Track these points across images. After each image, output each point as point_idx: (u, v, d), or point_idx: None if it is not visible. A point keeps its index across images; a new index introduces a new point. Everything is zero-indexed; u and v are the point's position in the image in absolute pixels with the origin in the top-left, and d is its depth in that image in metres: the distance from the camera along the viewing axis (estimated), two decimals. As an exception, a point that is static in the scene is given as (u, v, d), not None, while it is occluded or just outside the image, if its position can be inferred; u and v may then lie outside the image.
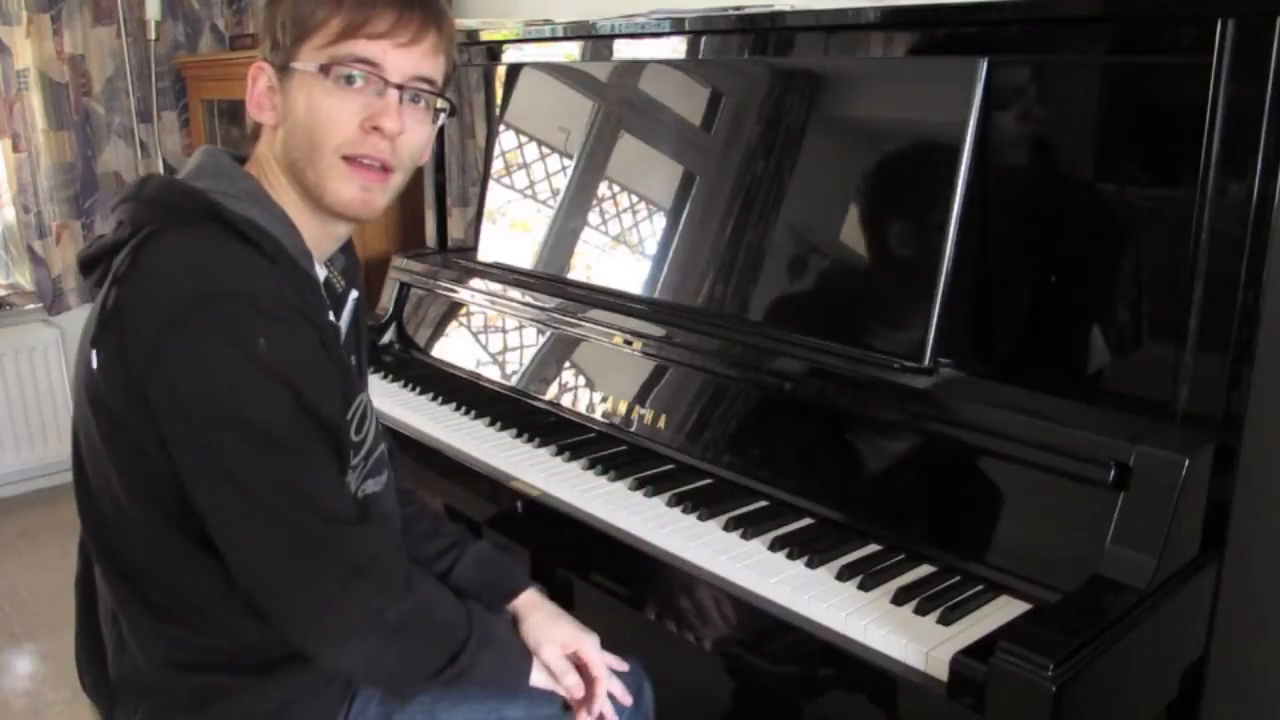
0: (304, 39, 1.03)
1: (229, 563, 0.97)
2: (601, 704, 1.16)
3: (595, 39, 1.83)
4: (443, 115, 1.12)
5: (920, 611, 1.08)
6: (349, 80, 1.03)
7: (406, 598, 1.02)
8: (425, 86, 1.07)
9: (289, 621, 0.98)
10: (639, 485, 1.40)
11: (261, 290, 0.95)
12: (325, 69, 1.02)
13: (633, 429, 1.52)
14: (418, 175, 2.25)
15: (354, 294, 1.19)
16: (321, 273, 1.12)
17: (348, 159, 1.04)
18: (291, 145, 1.05)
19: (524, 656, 1.15)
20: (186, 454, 0.93)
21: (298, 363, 0.95)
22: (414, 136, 1.07)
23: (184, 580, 1.02)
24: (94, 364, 0.95)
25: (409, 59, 1.04)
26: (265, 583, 0.97)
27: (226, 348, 0.91)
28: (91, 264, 1.05)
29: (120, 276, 0.96)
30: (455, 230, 2.24)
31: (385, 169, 1.06)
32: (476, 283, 1.94)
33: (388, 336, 2.09)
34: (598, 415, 1.58)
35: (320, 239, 1.10)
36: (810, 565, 1.18)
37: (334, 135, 1.03)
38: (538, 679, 1.15)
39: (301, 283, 1.03)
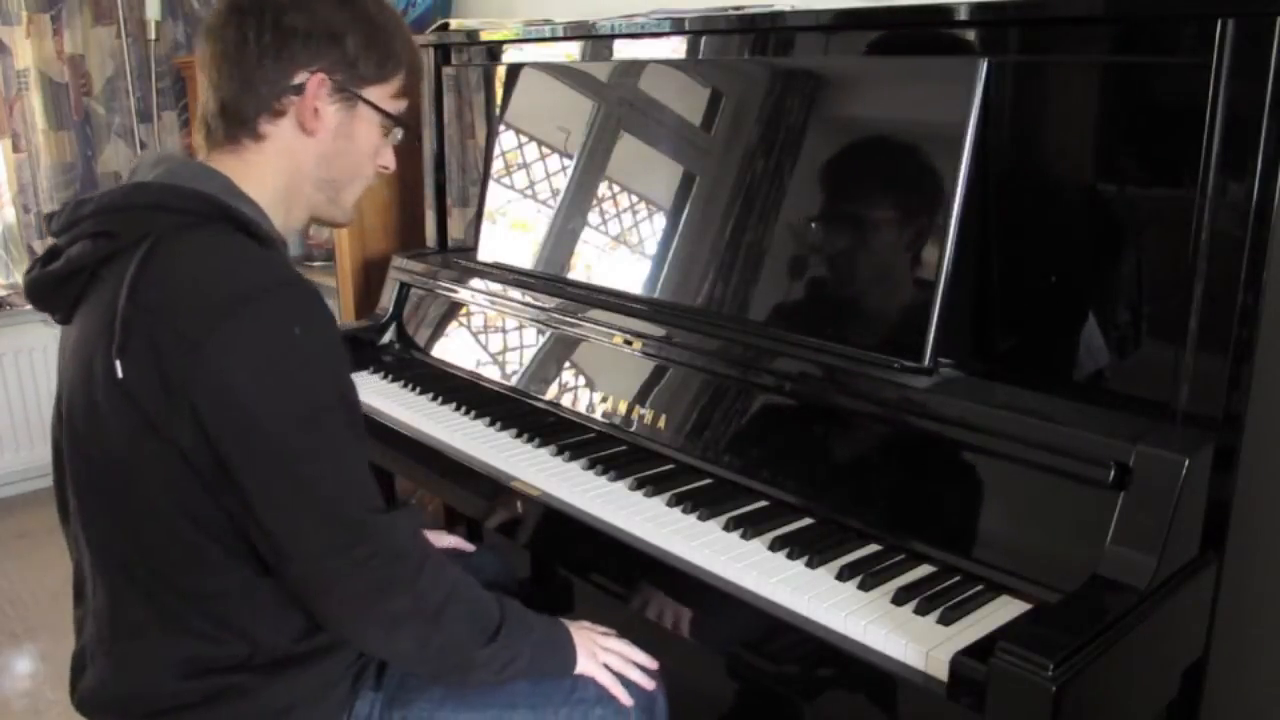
0: (384, 80, 1.11)
1: (278, 556, 0.98)
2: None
3: (595, 39, 1.83)
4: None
5: (920, 611, 1.08)
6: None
7: (443, 579, 1.06)
8: None
9: (340, 609, 1.00)
10: (639, 485, 1.40)
11: (287, 279, 0.98)
12: (397, 121, 1.14)
13: (633, 429, 1.52)
14: (418, 176, 2.27)
15: None
16: None
17: None
18: (334, 165, 1.12)
19: (566, 635, 1.18)
20: (239, 445, 0.94)
21: (330, 346, 0.99)
22: None
23: (208, 585, 1.02)
24: (119, 374, 0.95)
25: None
26: (316, 571, 0.98)
27: (271, 340, 0.94)
28: (60, 282, 1.04)
29: (135, 284, 0.96)
30: (455, 230, 2.24)
31: None
32: (476, 283, 1.94)
33: (388, 336, 2.09)
34: (598, 415, 1.58)
35: (285, 231, 1.15)
36: (810, 565, 1.18)
37: (370, 172, 1.17)
38: (586, 665, 1.18)
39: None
